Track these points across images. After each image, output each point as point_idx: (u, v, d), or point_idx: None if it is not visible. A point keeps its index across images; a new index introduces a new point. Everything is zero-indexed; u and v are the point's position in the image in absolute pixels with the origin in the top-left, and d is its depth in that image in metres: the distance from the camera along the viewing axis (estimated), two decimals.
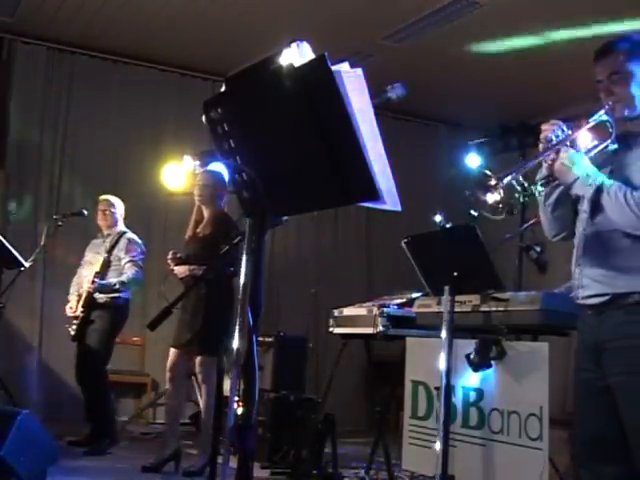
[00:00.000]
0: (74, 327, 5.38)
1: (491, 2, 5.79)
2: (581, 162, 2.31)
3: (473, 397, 3.76)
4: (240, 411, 1.90)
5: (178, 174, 6.29)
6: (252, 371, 1.90)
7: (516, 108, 7.61)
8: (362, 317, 4.64)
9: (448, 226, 3.84)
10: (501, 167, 2.33)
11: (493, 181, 2.25)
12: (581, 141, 2.36)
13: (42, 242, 5.89)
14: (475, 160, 7.50)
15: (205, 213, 4.95)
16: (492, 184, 2.25)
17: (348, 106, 1.63)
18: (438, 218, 4.01)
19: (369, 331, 4.49)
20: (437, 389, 3.42)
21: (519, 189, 2.29)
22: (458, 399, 3.76)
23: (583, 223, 2.41)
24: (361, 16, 6.16)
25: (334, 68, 1.63)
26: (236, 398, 1.99)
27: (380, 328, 4.42)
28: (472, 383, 3.74)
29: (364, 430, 6.69)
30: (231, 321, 4.79)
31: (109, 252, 5.50)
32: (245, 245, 2.02)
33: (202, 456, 4.64)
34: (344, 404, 6.82)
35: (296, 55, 1.73)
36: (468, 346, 3.61)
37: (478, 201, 2.28)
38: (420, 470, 4.07)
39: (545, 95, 7.09)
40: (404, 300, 4.69)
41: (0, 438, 3.54)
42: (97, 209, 5.73)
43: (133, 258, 5.47)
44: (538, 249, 3.98)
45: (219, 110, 1.93)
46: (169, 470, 4.75)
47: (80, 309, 5.38)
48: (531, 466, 3.35)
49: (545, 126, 2.37)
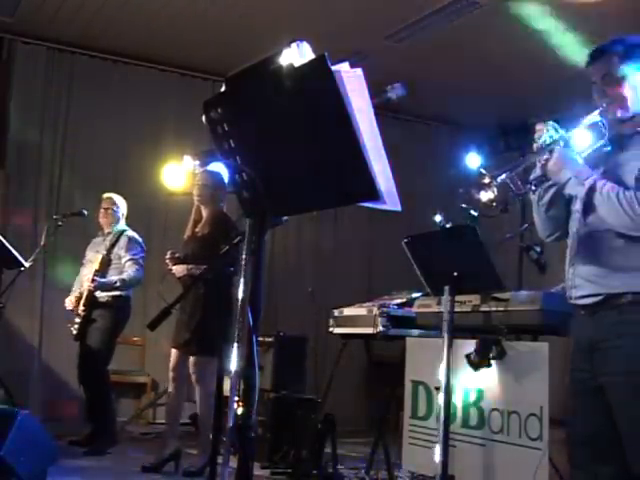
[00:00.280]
0: (76, 326, 5.38)
1: (491, 2, 5.79)
2: (574, 162, 2.32)
3: (473, 397, 3.76)
4: (240, 411, 1.90)
5: (178, 174, 6.27)
6: (252, 371, 1.90)
7: (516, 108, 7.61)
8: (362, 317, 4.65)
9: (448, 226, 3.83)
10: (500, 167, 2.34)
11: (487, 179, 2.27)
12: (574, 141, 2.37)
13: (42, 242, 5.88)
14: (475, 160, 7.50)
15: (204, 213, 4.95)
16: (486, 182, 2.27)
17: (348, 106, 1.63)
18: (438, 218, 4.00)
19: (369, 331, 4.50)
20: (437, 389, 3.42)
21: (513, 188, 2.30)
22: (458, 399, 3.76)
23: (576, 223, 2.42)
24: (361, 16, 6.17)
25: (334, 68, 1.63)
26: (236, 398, 1.99)
27: (380, 328, 4.43)
28: (472, 383, 3.74)
29: (364, 430, 6.69)
30: (229, 321, 4.81)
31: (109, 250, 5.50)
32: (245, 245, 2.02)
33: (202, 456, 4.64)
34: (344, 404, 6.82)
35: (296, 55, 1.73)
36: (468, 346, 3.62)
37: (472, 199, 2.29)
38: (420, 470, 4.07)
39: (545, 95, 7.09)
40: (404, 300, 4.70)
41: (0, 438, 3.54)
42: (100, 207, 5.72)
43: (133, 256, 5.47)
44: (538, 249, 3.98)
45: (219, 110, 1.94)
46: (169, 470, 4.75)
47: (81, 308, 5.38)
48: (531, 466, 3.35)
49: (539, 126, 2.38)
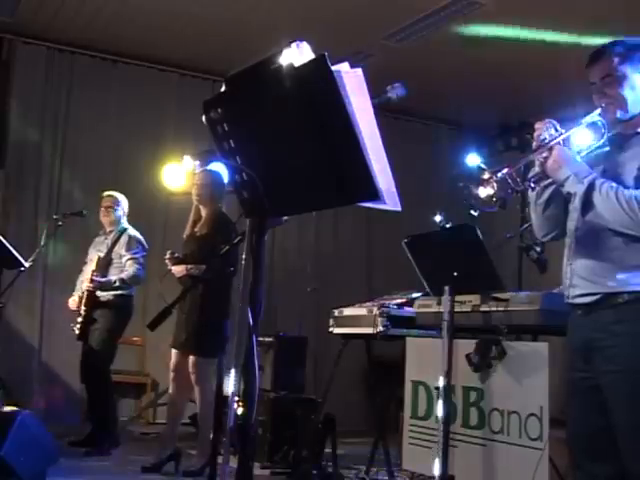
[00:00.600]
0: (78, 326, 5.37)
1: (491, 2, 5.79)
2: (574, 160, 2.32)
3: (473, 397, 3.76)
4: (240, 411, 1.90)
5: (178, 174, 6.28)
6: (252, 371, 1.90)
7: (516, 108, 7.61)
8: (362, 317, 4.65)
9: (448, 226, 3.84)
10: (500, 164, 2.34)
11: (487, 175, 2.27)
12: (574, 141, 2.37)
13: (42, 242, 5.88)
14: (475, 160, 7.51)
15: (203, 213, 4.95)
16: (486, 178, 2.27)
17: (348, 106, 1.63)
18: (438, 218, 4.00)
19: (369, 331, 4.50)
20: (437, 389, 3.42)
21: (512, 185, 2.30)
22: (458, 399, 3.76)
23: (574, 222, 2.42)
24: (361, 16, 6.16)
25: (334, 68, 1.63)
26: (236, 398, 1.99)
27: (380, 328, 4.43)
28: (472, 383, 3.74)
29: (364, 430, 6.68)
30: (227, 322, 4.79)
31: (110, 249, 5.48)
32: (245, 245, 2.02)
33: (202, 456, 4.64)
34: (344, 404, 6.82)
35: (296, 55, 1.73)
36: (468, 346, 3.62)
37: (471, 194, 2.29)
38: (420, 470, 4.07)
39: (545, 95, 7.08)
40: (404, 300, 4.70)
41: (0, 438, 3.54)
42: (100, 205, 5.69)
43: (134, 255, 5.44)
44: (538, 249, 3.98)
45: (219, 110, 1.93)
46: (169, 470, 4.75)
47: (83, 308, 5.37)
48: (531, 466, 3.35)
49: (539, 124, 2.38)
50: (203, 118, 1.96)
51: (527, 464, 3.38)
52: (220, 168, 4.85)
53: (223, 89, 1.95)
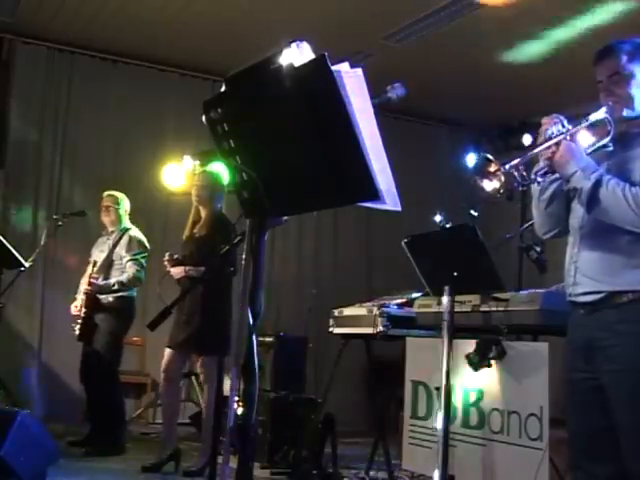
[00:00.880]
0: (78, 327, 5.35)
1: (491, 2, 5.79)
2: (581, 155, 2.30)
3: (473, 397, 3.76)
4: (240, 411, 1.90)
5: (178, 174, 6.29)
6: (252, 371, 1.90)
7: (516, 108, 7.61)
8: (362, 317, 4.65)
9: (448, 226, 3.84)
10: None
11: (494, 167, 2.24)
12: (580, 138, 2.35)
13: (42, 242, 5.88)
14: (475, 160, 7.50)
15: (202, 214, 4.95)
16: (492, 170, 2.25)
17: (348, 106, 1.63)
18: (438, 218, 4.00)
19: (369, 331, 4.50)
20: (437, 389, 3.42)
21: (518, 178, 2.28)
22: (458, 399, 3.76)
23: (579, 220, 2.40)
24: (361, 16, 6.16)
25: (334, 68, 1.63)
26: (236, 398, 1.99)
27: (380, 328, 4.42)
28: (472, 383, 3.74)
29: (364, 430, 6.68)
30: (227, 321, 4.79)
31: (111, 250, 5.45)
32: (245, 245, 2.02)
33: (202, 456, 4.64)
34: (344, 404, 6.82)
35: (296, 55, 1.73)
36: (468, 346, 3.62)
37: (477, 186, 2.27)
38: (420, 470, 4.08)
39: (545, 95, 7.08)
40: (404, 300, 4.70)
41: (0, 438, 3.54)
42: (101, 205, 5.64)
43: (134, 257, 5.40)
44: (538, 249, 3.98)
45: (219, 110, 1.93)
46: (169, 470, 4.75)
47: (83, 310, 5.33)
48: (531, 466, 3.35)
49: (546, 119, 2.36)
50: (203, 118, 1.96)
51: (527, 464, 3.38)
52: (220, 169, 4.85)
53: (223, 89, 1.95)
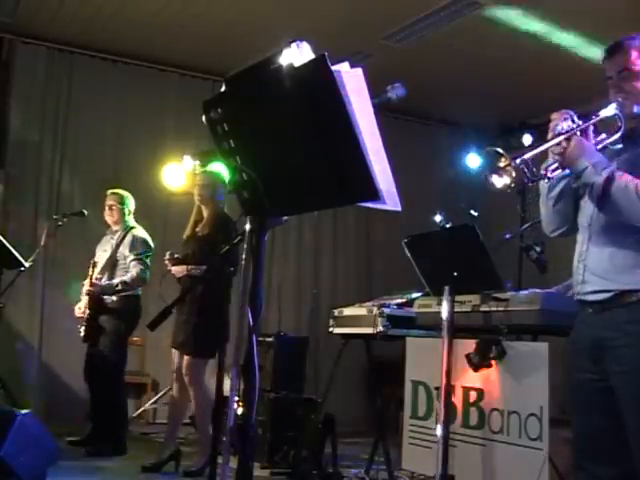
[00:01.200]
0: (83, 328, 5.33)
1: (491, 2, 5.79)
2: (592, 151, 2.26)
3: (473, 397, 3.76)
4: (240, 411, 1.90)
5: (178, 174, 6.29)
6: (252, 371, 1.90)
7: (516, 108, 7.61)
8: (362, 317, 4.64)
9: (448, 226, 3.84)
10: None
11: (504, 162, 2.20)
12: (590, 133, 2.30)
13: (42, 242, 5.88)
14: (475, 160, 7.51)
15: (204, 213, 4.95)
16: (502, 165, 2.20)
17: (348, 106, 1.63)
18: (438, 218, 4.00)
19: (369, 331, 4.49)
20: (437, 389, 3.42)
21: (528, 174, 2.23)
22: (458, 399, 3.76)
23: (588, 218, 2.36)
24: (361, 16, 6.16)
25: (334, 68, 1.63)
26: (236, 398, 1.99)
27: (380, 328, 4.42)
28: (472, 383, 3.74)
29: (364, 430, 6.68)
30: (227, 322, 4.79)
31: (115, 250, 5.43)
32: (245, 245, 2.02)
33: (202, 456, 4.64)
34: (344, 404, 6.82)
35: (296, 55, 1.73)
36: (468, 346, 3.62)
37: (488, 180, 2.22)
38: (420, 470, 4.07)
39: (545, 95, 7.08)
40: (404, 300, 4.69)
41: (0, 438, 3.54)
42: (104, 204, 5.60)
43: (137, 256, 5.36)
44: (538, 249, 3.98)
45: (219, 110, 1.93)
46: (169, 470, 4.75)
47: (87, 312, 5.31)
48: (531, 466, 3.35)
49: (555, 115, 2.31)
50: (203, 118, 1.96)
51: (527, 464, 3.38)
52: (222, 168, 4.85)
53: (223, 89, 1.95)
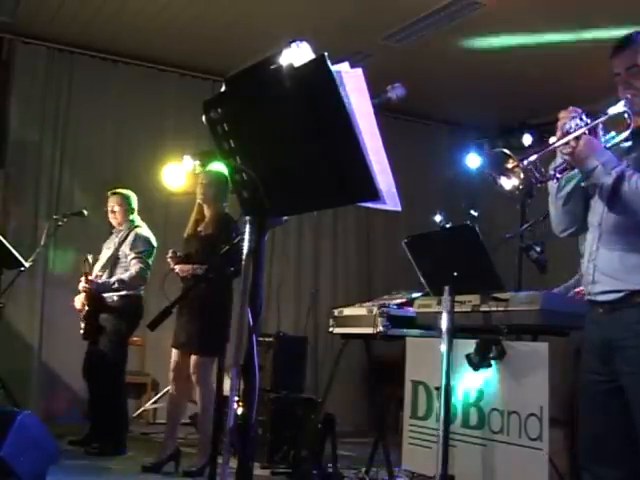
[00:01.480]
0: (82, 326, 5.34)
1: (491, 2, 5.79)
2: (602, 150, 2.23)
3: (473, 397, 3.76)
4: (240, 411, 1.90)
5: (178, 174, 6.29)
6: (252, 371, 1.90)
7: (516, 108, 7.61)
8: (362, 317, 4.64)
9: (448, 226, 3.84)
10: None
11: (512, 163, 2.17)
12: (599, 132, 2.27)
13: (42, 242, 5.88)
14: (475, 160, 7.51)
15: (206, 212, 4.94)
16: (510, 167, 2.17)
17: (348, 106, 1.64)
18: (438, 218, 4.00)
19: (369, 331, 4.49)
20: (437, 389, 3.42)
21: (537, 175, 2.19)
22: (458, 399, 3.76)
23: (598, 217, 2.34)
24: (361, 16, 6.16)
25: (334, 68, 1.63)
26: (236, 398, 1.99)
27: (380, 328, 4.42)
28: (472, 383, 3.74)
29: (364, 430, 6.69)
30: (228, 321, 4.78)
31: (117, 248, 5.42)
32: (245, 245, 2.02)
33: (202, 456, 4.64)
34: (344, 404, 6.82)
35: (296, 55, 1.73)
36: (468, 346, 3.61)
37: (496, 183, 2.19)
38: (420, 470, 4.07)
39: (545, 95, 7.08)
40: (404, 300, 4.69)
41: (0, 438, 3.54)
42: (106, 206, 5.59)
43: (137, 254, 5.35)
44: (538, 249, 3.98)
45: (219, 110, 1.94)
46: (169, 470, 4.75)
47: (85, 308, 5.32)
48: (531, 466, 3.35)
49: (563, 114, 2.27)
50: (203, 118, 1.97)
51: (527, 464, 3.38)
52: (222, 168, 4.84)
53: (223, 89, 1.95)
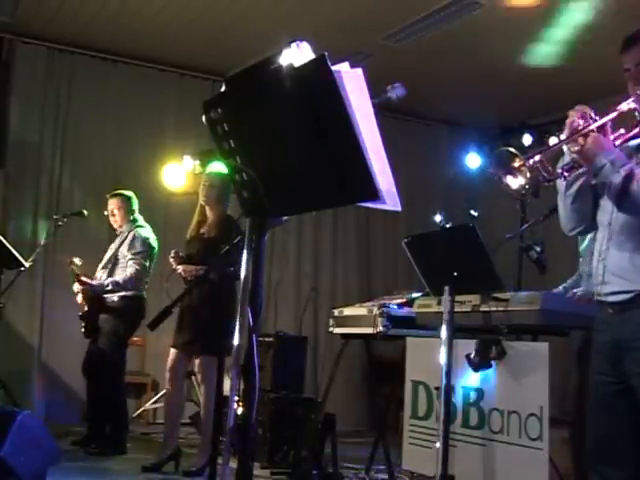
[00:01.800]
0: (83, 324, 5.34)
1: (491, 2, 5.79)
2: (610, 148, 2.20)
3: (473, 397, 3.76)
4: (240, 411, 1.90)
5: (178, 174, 6.30)
6: (252, 371, 1.90)
7: (516, 108, 7.61)
8: (362, 317, 4.64)
9: (448, 226, 3.84)
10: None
11: (518, 162, 2.14)
12: (608, 129, 2.24)
13: (42, 242, 5.88)
14: (475, 160, 7.52)
15: (209, 214, 4.93)
16: (516, 166, 2.15)
17: (348, 106, 1.64)
18: (438, 218, 4.01)
19: (369, 331, 4.49)
20: (437, 389, 3.42)
21: (544, 173, 2.17)
22: (458, 399, 3.76)
23: (608, 216, 2.31)
24: (361, 16, 6.16)
25: (334, 68, 1.63)
26: (236, 398, 1.99)
27: (380, 328, 4.42)
28: (472, 383, 3.74)
29: (364, 430, 6.69)
30: (232, 321, 4.78)
31: (117, 248, 5.43)
32: (245, 245, 2.02)
33: (202, 456, 4.64)
34: (344, 404, 6.83)
35: (296, 55, 1.73)
36: (468, 346, 3.61)
37: (501, 182, 2.17)
38: (420, 470, 4.07)
39: (545, 95, 7.09)
40: (404, 300, 4.69)
41: (0, 438, 3.54)
42: (106, 207, 5.59)
43: (134, 256, 5.34)
44: (538, 249, 3.98)
45: (219, 110, 1.94)
46: (169, 470, 4.75)
47: (85, 307, 5.34)
48: (531, 466, 3.35)
49: (572, 111, 2.25)
50: (203, 118, 1.97)
51: (527, 464, 3.38)
52: (222, 168, 4.83)
53: (223, 89, 1.95)
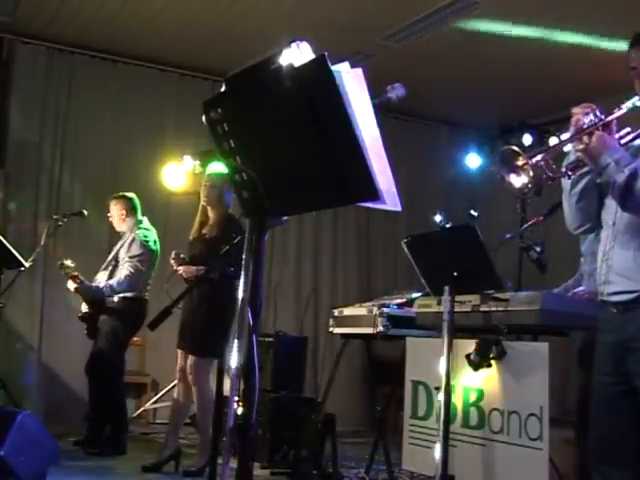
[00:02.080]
0: (85, 326, 5.36)
1: (491, 2, 5.79)
2: (615, 147, 2.19)
3: (473, 397, 3.76)
4: (240, 411, 1.90)
5: (178, 174, 6.30)
6: (252, 371, 1.90)
7: (516, 108, 7.61)
8: (362, 317, 4.64)
9: (448, 226, 3.84)
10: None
11: (521, 160, 2.13)
12: (614, 128, 2.24)
13: (42, 242, 5.88)
14: (475, 160, 7.52)
15: (211, 214, 4.93)
16: (520, 164, 2.13)
17: (348, 106, 1.64)
18: (438, 218, 4.01)
19: (369, 331, 4.49)
20: (437, 389, 3.42)
21: (547, 172, 2.16)
22: (458, 399, 3.76)
23: (612, 216, 2.30)
24: (361, 16, 6.16)
25: (334, 68, 1.63)
26: (236, 398, 1.99)
27: (380, 328, 4.42)
28: (472, 383, 3.74)
29: (364, 430, 6.69)
30: (230, 323, 4.78)
31: (118, 250, 5.45)
32: (245, 245, 2.02)
33: (202, 456, 4.64)
34: (344, 404, 6.82)
35: (296, 55, 1.73)
36: (468, 346, 3.61)
37: (504, 181, 2.16)
38: (420, 470, 4.07)
39: (545, 95, 7.09)
40: (404, 300, 4.69)
41: (0, 438, 3.54)
42: (107, 208, 5.63)
43: (131, 259, 5.34)
44: (538, 249, 3.98)
45: (219, 110, 1.94)
46: (169, 470, 4.75)
47: (85, 308, 5.36)
48: (531, 466, 3.34)
49: (577, 109, 2.23)
50: (203, 118, 1.97)
51: (527, 464, 3.38)
52: (222, 168, 4.83)
53: (223, 89, 1.95)
